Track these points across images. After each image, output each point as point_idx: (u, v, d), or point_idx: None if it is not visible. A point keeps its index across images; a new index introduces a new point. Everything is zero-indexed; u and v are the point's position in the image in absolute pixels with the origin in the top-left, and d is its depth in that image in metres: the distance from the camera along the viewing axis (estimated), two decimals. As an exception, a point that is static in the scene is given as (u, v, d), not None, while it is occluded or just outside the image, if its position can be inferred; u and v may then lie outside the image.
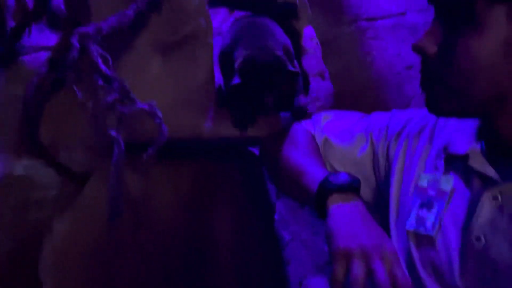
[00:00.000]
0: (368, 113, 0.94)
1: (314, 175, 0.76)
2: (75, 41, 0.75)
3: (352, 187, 0.72)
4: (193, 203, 1.16)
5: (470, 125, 0.74)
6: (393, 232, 0.77)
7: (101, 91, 0.75)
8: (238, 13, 1.28)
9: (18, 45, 1.15)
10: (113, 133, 0.74)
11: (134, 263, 1.07)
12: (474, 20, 0.62)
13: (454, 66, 0.64)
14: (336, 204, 0.69)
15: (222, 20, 1.30)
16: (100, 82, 0.76)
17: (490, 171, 0.67)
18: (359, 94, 1.37)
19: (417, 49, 0.68)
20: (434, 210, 0.70)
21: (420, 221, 0.71)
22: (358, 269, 0.60)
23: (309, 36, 1.15)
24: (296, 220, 1.37)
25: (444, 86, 0.67)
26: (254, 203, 1.26)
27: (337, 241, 0.63)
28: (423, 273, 0.70)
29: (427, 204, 0.72)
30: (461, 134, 0.75)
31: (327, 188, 0.72)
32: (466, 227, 0.67)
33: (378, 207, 0.84)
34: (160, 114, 0.79)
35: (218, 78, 1.14)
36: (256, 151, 1.21)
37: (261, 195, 1.30)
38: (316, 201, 0.72)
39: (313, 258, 1.37)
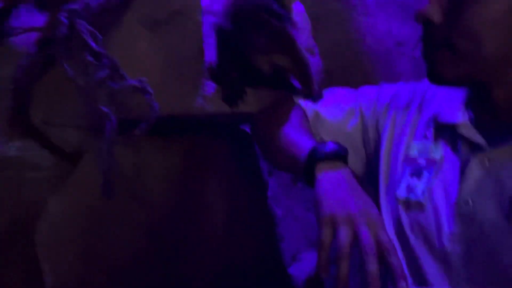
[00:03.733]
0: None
1: (303, 145, 0.77)
2: (63, 17, 0.75)
3: (339, 155, 0.73)
4: (185, 178, 1.17)
5: (459, 95, 0.75)
6: (383, 200, 0.79)
7: (91, 68, 0.76)
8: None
9: (6, 26, 1.15)
10: (104, 109, 0.75)
11: (128, 238, 1.09)
12: None
13: (462, 29, 0.65)
14: (324, 172, 0.70)
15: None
16: (90, 59, 0.76)
17: (478, 138, 0.68)
18: (349, 70, 1.38)
19: (422, 17, 0.68)
20: (424, 178, 0.72)
21: (410, 188, 0.73)
22: (344, 235, 0.61)
23: (299, 11, 1.15)
24: (289, 196, 1.39)
25: (452, 50, 0.67)
26: (247, 180, 1.27)
27: (324, 207, 0.65)
28: (412, 238, 0.72)
29: (417, 173, 0.73)
30: (450, 103, 0.76)
31: (315, 157, 0.73)
32: (454, 192, 0.68)
33: (368, 179, 0.85)
34: (150, 90, 0.80)
35: (209, 56, 1.15)
36: (247, 129, 1.22)
37: (253, 172, 1.31)
38: (305, 170, 0.73)
39: (306, 233, 1.39)
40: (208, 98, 0.99)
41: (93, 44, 0.77)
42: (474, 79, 0.69)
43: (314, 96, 0.85)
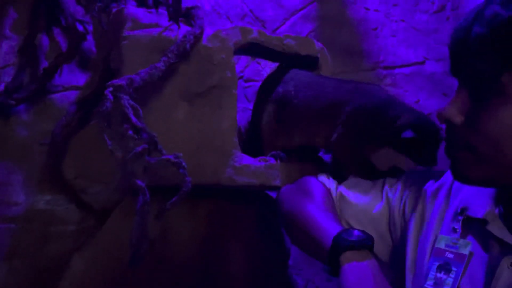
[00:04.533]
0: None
1: (327, 230, 0.76)
2: (108, 93, 0.78)
3: (365, 244, 0.72)
4: (209, 243, 1.17)
5: (488, 189, 0.74)
6: None
7: (130, 142, 0.78)
8: (261, 60, 1.33)
9: (49, 84, 1.20)
10: (139, 183, 0.77)
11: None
12: (500, 91, 0.62)
13: (482, 134, 0.64)
14: (349, 263, 0.69)
15: (244, 66, 1.35)
16: (130, 133, 0.79)
17: (509, 238, 0.66)
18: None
19: (443, 117, 0.68)
20: (452, 274, 0.69)
21: (438, 284, 0.70)
22: None
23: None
24: (310, 265, 1.37)
25: (473, 153, 0.67)
26: (269, 247, 1.27)
27: None
28: None
29: (445, 267, 0.71)
30: (479, 196, 0.74)
31: (340, 244, 0.71)
32: None
33: (394, 266, 0.84)
34: (185, 165, 0.82)
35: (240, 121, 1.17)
36: (273, 194, 1.23)
37: (275, 239, 1.31)
38: (329, 259, 0.72)
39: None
40: (238, 169, 1.01)
41: (134, 119, 0.80)
42: (499, 182, 0.68)
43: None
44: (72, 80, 1.22)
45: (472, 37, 0.63)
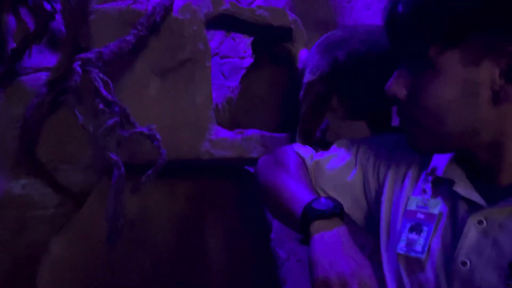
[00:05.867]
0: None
1: (299, 199, 0.75)
2: (77, 66, 0.76)
3: (334, 212, 0.71)
4: (188, 221, 1.16)
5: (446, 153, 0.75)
6: (384, 254, 0.77)
7: (102, 115, 0.77)
8: (236, 35, 1.31)
9: (18, 66, 1.17)
10: (113, 156, 0.75)
11: (131, 280, 1.08)
12: (430, 64, 0.64)
13: (422, 108, 0.67)
14: (318, 232, 0.68)
15: (219, 42, 1.33)
16: (101, 106, 0.77)
17: (475, 197, 0.67)
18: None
19: (389, 94, 0.69)
20: (424, 234, 0.70)
21: (410, 244, 0.71)
22: None
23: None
24: (292, 239, 1.38)
25: (418, 126, 0.68)
26: (250, 221, 1.27)
27: (317, 270, 0.63)
28: None
29: (416, 228, 0.72)
30: (446, 158, 0.76)
31: (310, 214, 0.70)
32: (452, 252, 0.67)
33: (370, 230, 0.84)
34: (159, 137, 0.81)
35: (216, 98, 1.16)
36: (251, 169, 1.22)
37: (256, 213, 1.31)
38: (300, 228, 0.72)
39: (309, 277, 1.37)
40: (214, 143, 1.00)
41: (105, 92, 0.78)
42: (450, 149, 0.70)
43: None
44: (42, 61, 1.20)
45: (398, 15, 0.66)
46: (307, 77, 1.03)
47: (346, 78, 1.00)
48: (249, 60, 1.42)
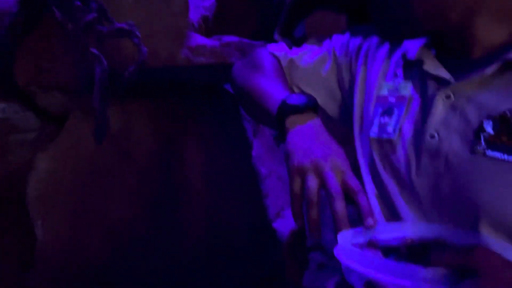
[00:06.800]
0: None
1: (274, 97, 0.77)
2: (51, -38, 0.76)
3: (307, 106, 0.73)
4: (170, 138, 1.19)
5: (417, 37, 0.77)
6: (357, 141, 0.79)
7: (79, 12, 0.77)
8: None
9: (-13, -13, 1.14)
10: (94, 51, 0.76)
11: (116, 191, 1.11)
12: None
13: None
14: (293, 126, 0.71)
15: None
16: (78, 3, 0.78)
17: (444, 73, 0.69)
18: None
19: None
20: (395, 116, 0.72)
21: (382, 127, 0.73)
22: (311, 182, 0.62)
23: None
24: (273, 156, 1.42)
25: (388, 14, 0.70)
26: (230, 138, 1.30)
27: (292, 159, 0.65)
28: (384, 176, 0.73)
29: (387, 112, 0.73)
30: (415, 41, 0.77)
31: (284, 110, 0.73)
32: (422, 127, 0.69)
33: (345, 121, 0.86)
34: (138, 34, 0.82)
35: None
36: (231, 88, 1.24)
37: (237, 132, 1.34)
38: (276, 124, 0.74)
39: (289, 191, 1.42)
40: (194, 50, 1.02)
41: (81, -11, 0.78)
42: (420, 34, 0.72)
43: None
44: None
45: None
46: None
47: None
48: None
